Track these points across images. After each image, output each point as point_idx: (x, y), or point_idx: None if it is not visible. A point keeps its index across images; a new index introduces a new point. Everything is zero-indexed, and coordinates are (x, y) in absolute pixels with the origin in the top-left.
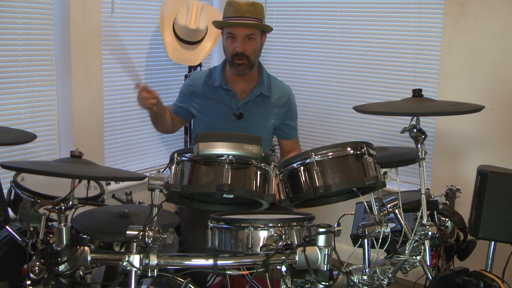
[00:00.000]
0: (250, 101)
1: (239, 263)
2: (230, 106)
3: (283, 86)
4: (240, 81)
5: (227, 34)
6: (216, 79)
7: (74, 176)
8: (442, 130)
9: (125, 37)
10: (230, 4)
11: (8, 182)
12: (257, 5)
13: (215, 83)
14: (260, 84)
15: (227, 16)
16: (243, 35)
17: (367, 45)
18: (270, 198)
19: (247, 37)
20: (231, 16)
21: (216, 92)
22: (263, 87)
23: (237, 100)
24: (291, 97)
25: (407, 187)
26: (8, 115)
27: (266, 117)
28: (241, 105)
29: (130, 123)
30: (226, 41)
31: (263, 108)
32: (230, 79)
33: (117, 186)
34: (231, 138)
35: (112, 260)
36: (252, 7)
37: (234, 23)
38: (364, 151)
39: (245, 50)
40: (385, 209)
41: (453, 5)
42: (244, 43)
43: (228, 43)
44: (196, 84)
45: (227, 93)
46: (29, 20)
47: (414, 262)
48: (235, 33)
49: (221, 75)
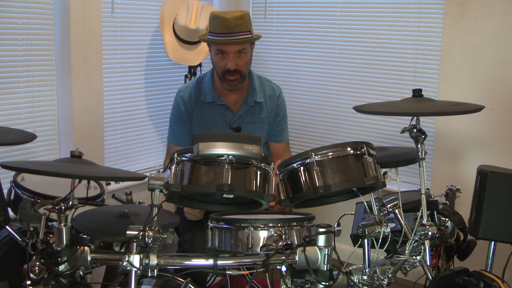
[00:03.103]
0: (245, 112)
1: (239, 263)
2: (226, 119)
3: (272, 87)
4: (232, 93)
5: (217, 51)
6: (207, 94)
7: (74, 176)
8: (442, 130)
9: (125, 37)
10: (217, 19)
11: (8, 182)
12: (245, 16)
13: (207, 99)
14: (252, 92)
15: (215, 32)
16: (234, 51)
17: (367, 45)
18: (270, 198)
19: (237, 53)
20: (219, 33)
21: (210, 108)
22: (255, 95)
23: (232, 113)
24: (281, 97)
25: (407, 187)
26: (8, 115)
27: (262, 124)
28: (236, 118)
29: (130, 123)
30: (215, 57)
31: (257, 116)
32: (221, 92)
33: (117, 186)
34: (231, 138)
35: (112, 260)
36: (240, 21)
37: (224, 41)
38: (364, 151)
39: (238, 66)
40: (385, 209)
41: (453, 5)
42: (235, 59)
43: (218, 59)
44: (188, 101)
45: (221, 107)
46: (29, 20)
47: (414, 262)
48: (226, 50)
49: (212, 89)
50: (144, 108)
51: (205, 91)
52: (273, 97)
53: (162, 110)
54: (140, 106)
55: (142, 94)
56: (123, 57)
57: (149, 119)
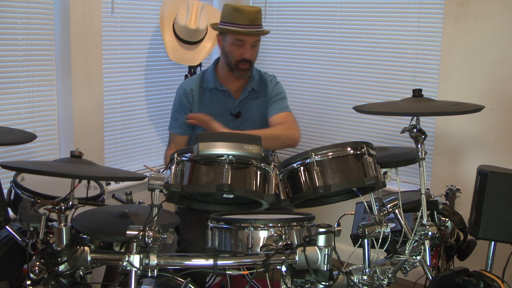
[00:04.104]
0: (244, 98)
1: (239, 263)
2: (226, 106)
3: (268, 75)
4: (234, 80)
5: (236, 41)
6: (209, 81)
7: (74, 176)
8: (442, 130)
9: (125, 37)
10: (238, 11)
11: (8, 182)
12: (260, 11)
13: (209, 85)
14: (251, 80)
15: (235, 23)
16: (252, 41)
17: (367, 45)
18: (270, 198)
19: (254, 43)
20: (241, 24)
21: (211, 94)
22: (254, 82)
23: (233, 99)
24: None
25: (407, 187)
26: (8, 115)
27: (261, 109)
28: (237, 104)
29: (130, 123)
30: (232, 47)
31: (256, 101)
32: (223, 80)
33: (117, 186)
34: (231, 138)
35: (112, 260)
36: (258, 15)
37: (247, 32)
38: (364, 151)
39: (252, 56)
40: (385, 209)
41: (453, 5)
42: (251, 49)
43: (235, 49)
44: (190, 91)
45: (222, 94)
46: (29, 20)
47: (414, 262)
48: (246, 40)
49: (214, 77)
50: (144, 108)
51: (207, 79)
52: (270, 83)
53: (162, 110)
54: (140, 106)
55: (142, 94)
56: (123, 57)
57: (149, 119)
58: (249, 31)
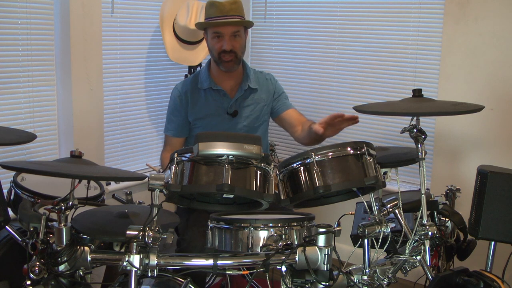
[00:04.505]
0: (240, 96)
1: (239, 263)
2: (222, 105)
3: (264, 74)
4: (228, 79)
5: (213, 34)
6: (204, 81)
7: (74, 176)
8: (442, 130)
9: (125, 37)
10: (213, 5)
11: (8, 182)
12: (238, 2)
13: (204, 86)
14: (246, 78)
15: (211, 16)
16: (230, 33)
17: (367, 45)
18: (270, 198)
19: (233, 35)
20: (215, 16)
21: (206, 94)
22: (249, 80)
23: (229, 98)
24: (274, 79)
25: (407, 187)
26: (8, 115)
27: (257, 107)
28: (233, 102)
29: (130, 123)
30: (212, 41)
31: (252, 99)
32: (217, 79)
33: (117, 186)
34: (231, 138)
35: (112, 260)
36: (234, 5)
37: (220, 22)
38: (364, 151)
39: (233, 47)
40: (385, 209)
41: (453, 5)
42: (231, 41)
43: (215, 42)
44: (184, 93)
45: (218, 93)
46: (29, 20)
47: (414, 262)
48: (222, 32)
49: (208, 77)
50: (144, 108)
51: (202, 79)
52: (267, 82)
53: (162, 110)
54: (140, 106)
55: (142, 94)
56: (123, 57)
57: (149, 119)
58: (222, 21)
